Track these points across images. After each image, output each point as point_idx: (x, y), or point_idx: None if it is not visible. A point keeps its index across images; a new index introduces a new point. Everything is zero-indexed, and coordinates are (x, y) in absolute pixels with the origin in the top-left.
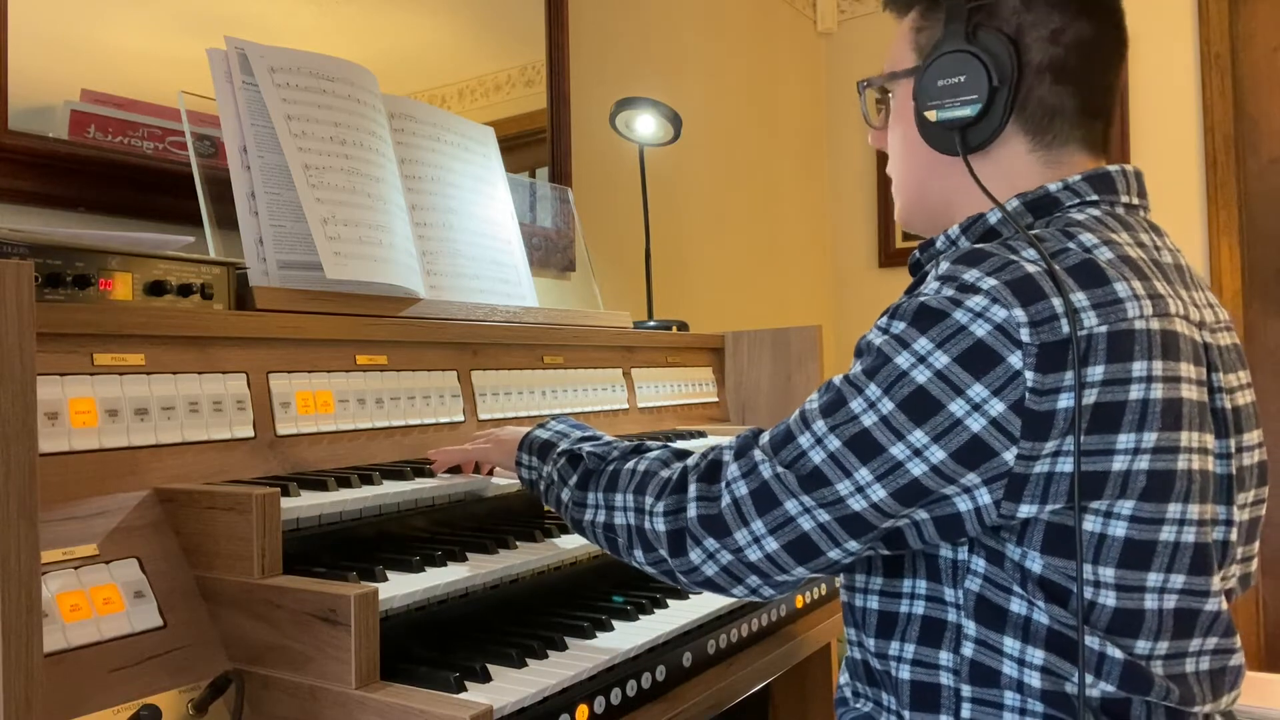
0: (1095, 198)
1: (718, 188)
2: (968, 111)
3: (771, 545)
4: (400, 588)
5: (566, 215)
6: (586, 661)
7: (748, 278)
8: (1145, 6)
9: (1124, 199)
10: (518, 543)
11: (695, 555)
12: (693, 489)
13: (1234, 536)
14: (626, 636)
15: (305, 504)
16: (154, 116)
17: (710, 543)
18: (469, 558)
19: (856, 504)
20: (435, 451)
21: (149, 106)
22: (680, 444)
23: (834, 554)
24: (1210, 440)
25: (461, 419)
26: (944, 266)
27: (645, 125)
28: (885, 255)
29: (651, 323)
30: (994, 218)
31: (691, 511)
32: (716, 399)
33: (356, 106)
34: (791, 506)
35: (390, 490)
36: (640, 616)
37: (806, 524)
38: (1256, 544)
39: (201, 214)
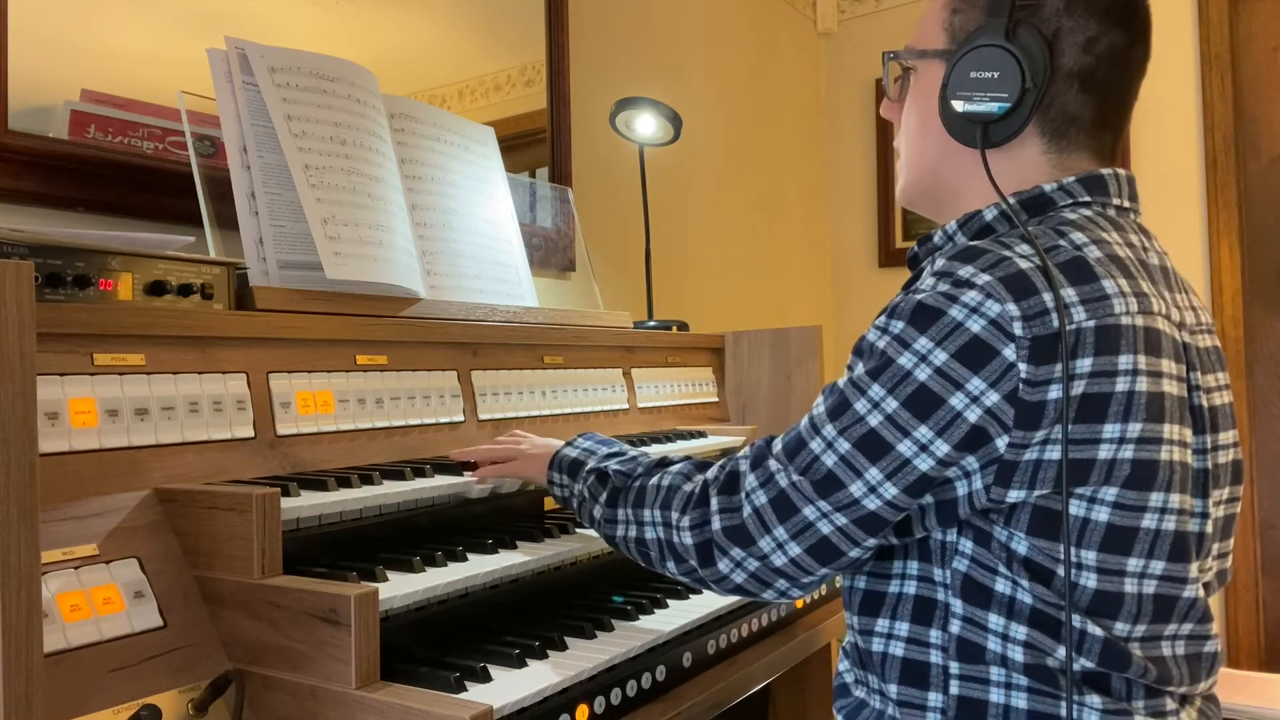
0: (1088, 198)
1: (718, 188)
2: (995, 108)
3: (795, 550)
4: (400, 588)
5: (566, 215)
6: (586, 662)
7: (748, 278)
8: None
9: (1115, 201)
10: (518, 543)
11: (724, 565)
12: (714, 502)
13: (1209, 529)
14: (626, 637)
15: (305, 504)
16: (154, 116)
17: (737, 552)
18: (469, 558)
19: (871, 503)
20: (460, 452)
21: (149, 106)
22: (681, 444)
23: (854, 553)
24: (1189, 435)
25: (461, 419)
26: (939, 263)
27: (645, 125)
28: (885, 255)
29: (651, 323)
30: (990, 215)
31: (716, 524)
32: (716, 399)
33: (356, 106)
34: (810, 512)
35: (390, 490)
36: (640, 616)
37: (825, 528)
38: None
39: (201, 214)
